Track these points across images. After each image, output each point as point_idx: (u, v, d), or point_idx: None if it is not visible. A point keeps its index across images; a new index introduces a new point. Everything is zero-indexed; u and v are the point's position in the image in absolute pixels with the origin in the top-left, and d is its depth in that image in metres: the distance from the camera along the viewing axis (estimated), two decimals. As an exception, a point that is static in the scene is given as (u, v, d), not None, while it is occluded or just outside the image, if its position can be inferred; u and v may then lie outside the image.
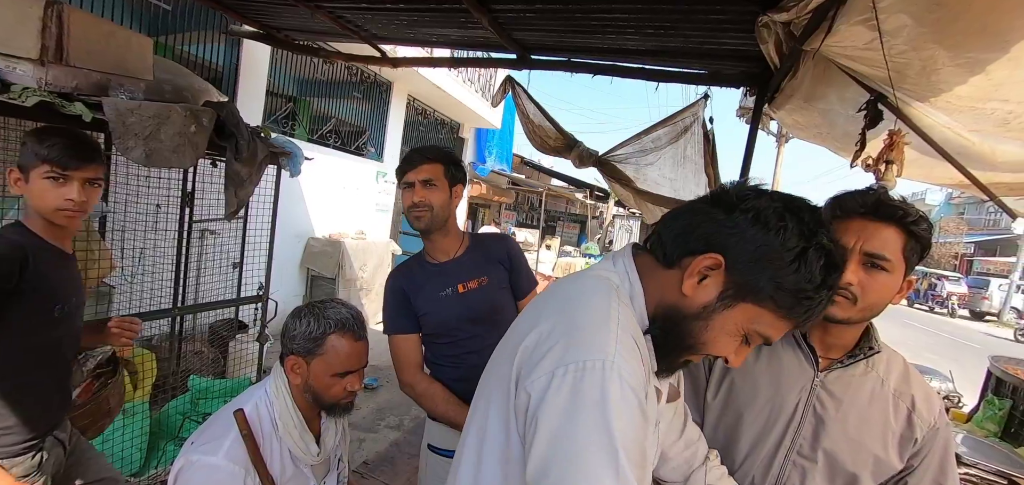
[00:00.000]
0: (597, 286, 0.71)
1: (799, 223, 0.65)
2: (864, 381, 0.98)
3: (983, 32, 1.22)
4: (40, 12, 1.56)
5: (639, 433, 0.60)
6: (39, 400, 1.24)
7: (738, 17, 1.84)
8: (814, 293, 0.65)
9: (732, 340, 0.69)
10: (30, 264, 1.15)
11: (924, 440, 0.95)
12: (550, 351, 0.63)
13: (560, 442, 0.58)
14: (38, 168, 1.16)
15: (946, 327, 15.03)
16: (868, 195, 0.95)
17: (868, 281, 0.92)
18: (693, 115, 2.45)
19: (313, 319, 1.09)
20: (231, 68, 4.20)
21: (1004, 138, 1.73)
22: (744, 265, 0.65)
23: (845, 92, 1.76)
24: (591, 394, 0.58)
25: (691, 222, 0.71)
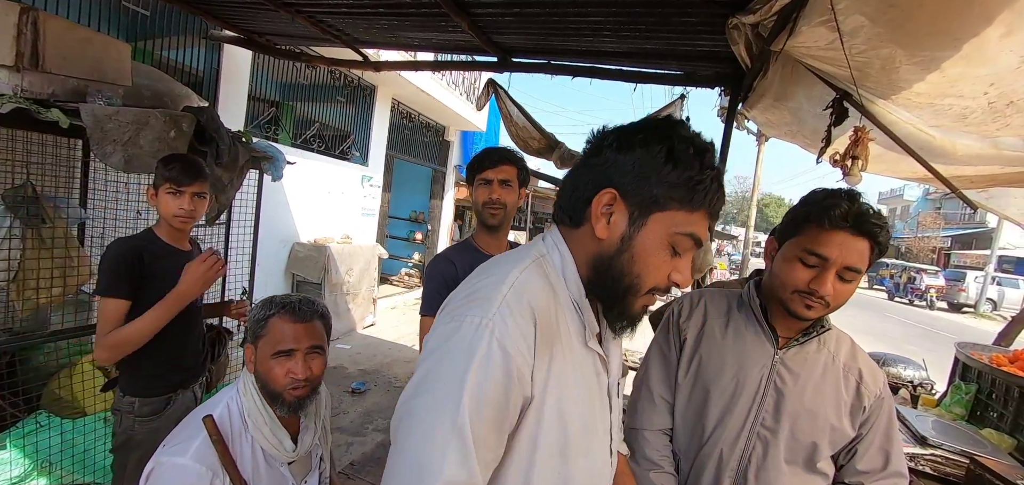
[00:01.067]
0: (515, 258, 0.76)
1: (654, 131, 0.71)
2: (817, 357, 1.08)
3: (936, 31, 1.28)
4: (15, 18, 1.56)
5: (499, 391, 0.64)
6: (168, 359, 1.58)
7: (709, 19, 1.90)
8: (700, 176, 0.69)
9: (663, 257, 0.72)
10: (145, 259, 1.50)
11: (871, 409, 1.06)
12: (449, 308, 0.72)
13: (424, 381, 0.66)
14: (163, 186, 1.53)
15: (924, 319, 15.40)
16: (852, 206, 0.98)
17: (840, 289, 1.00)
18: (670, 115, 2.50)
19: (262, 305, 1.12)
20: (212, 73, 4.17)
21: (963, 132, 1.81)
22: (632, 185, 0.70)
23: (812, 90, 1.82)
24: (460, 345, 0.64)
25: (575, 180, 0.77)
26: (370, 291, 5.92)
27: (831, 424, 1.04)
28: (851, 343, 1.12)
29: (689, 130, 0.72)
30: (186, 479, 0.97)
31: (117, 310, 1.46)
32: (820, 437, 1.04)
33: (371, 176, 6.56)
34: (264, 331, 1.10)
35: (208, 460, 1.00)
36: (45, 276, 1.93)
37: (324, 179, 5.66)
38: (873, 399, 1.06)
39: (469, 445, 0.61)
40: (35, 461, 2.14)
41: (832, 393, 1.06)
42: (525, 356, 0.66)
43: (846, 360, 1.08)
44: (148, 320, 1.47)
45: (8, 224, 1.85)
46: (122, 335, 1.45)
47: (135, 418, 1.56)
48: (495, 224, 1.61)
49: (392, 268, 8.56)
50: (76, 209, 2.27)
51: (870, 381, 1.07)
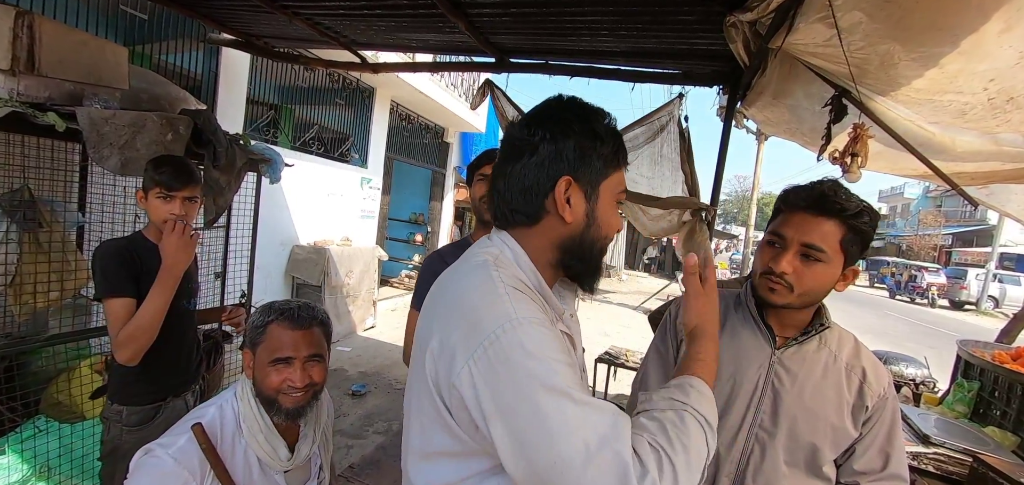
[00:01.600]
0: (471, 268, 0.79)
1: (573, 114, 0.80)
2: (818, 356, 1.06)
3: (933, 27, 1.27)
4: (10, 22, 1.56)
5: (564, 353, 0.68)
6: (158, 366, 1.55)
7: (707, 17, 1.89)
8: (614, 139, 0.81)
9: (613, 214, 0.83)
10: (136, 260, 1.50)
11: (874, 409, 1.03)
12: (458, 345, 0.68)
13: (514, 410, 0.62)
14: (153, 189, 1.52)
15: (926, 317, 15.38)
16: (813, 189, 1.01)
17: (803, 270, 1.00)
18: (669, 114, 2.50)
19: (261, 311, 1.11)
20: (210, 76, 4.17)
21: (963, 129, 1.80)
22: (580, 167, 0.79)
23: (811, 88, 1.82)
24: (514, 353, 0.64)
25: (522, 184, 0.80)
26: (370, 293, 5.92)
27: (832, 424, 1.02)
28: (855, 342, 1.10)
29: (585, 105, 0.82)
30: (162, 474, 0.97)
31: (125, 308, 1.46)
32: (820, 438, 1.02)
33: (370, 178, 6.56)
34: (262, 338, 1.09)
35: (188, 461, 0.99)
36: (42, 280, 1.93)
37: (323, 181, 5.66)
38: (876, 399, 1.03)
39: (587, 396, 0.65)
40: (33, 466, 2.13)
41: (833, 393, 1.03)
42: (548, 321, 0.72)
43: (849, 359, 1.06)
44: (151, 304, 1.46)
45: (4, 228, 1.85)
46: (133, 327, 1.45)
47: (123, 427, 1.54)
48: (485, 217, 1.62)
49: (392, 270, 8.55)
50: (74, 213, 2.26)
51: (874, 380, 1.04)
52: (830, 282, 1.01)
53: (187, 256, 1.52)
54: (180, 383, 1.68)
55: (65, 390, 2.37)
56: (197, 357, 1.78)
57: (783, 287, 1.01)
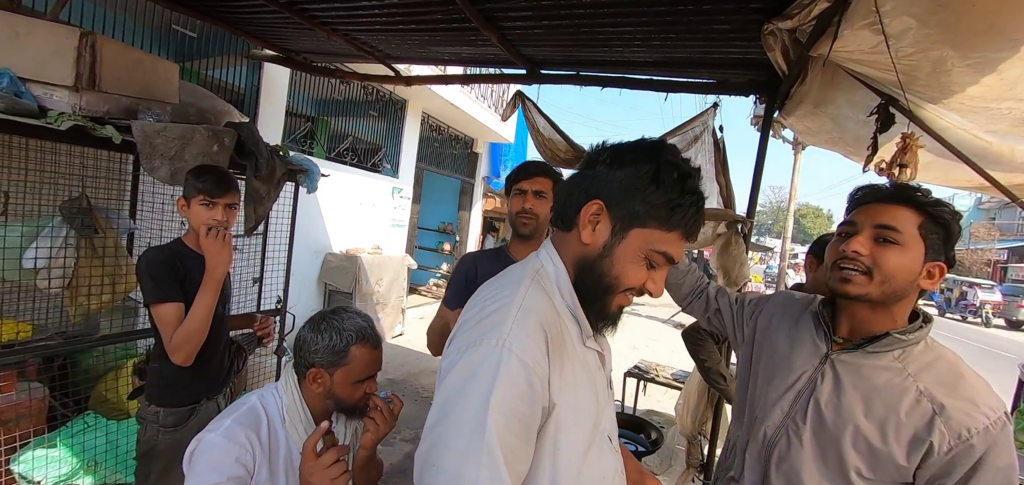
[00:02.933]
0: (516, 276, 0.82)
1: (644, 152, 0.78)
2: (883, 369, 0.97)
3: (991, 31, 1.21)
4: (75, 42, 1.67)
5: (523, 404, 0.68)
6: (193, 368, 1.57)
7: (743, 26, 1.85)
8: (680, 200, 0.75)
9: (639, 267, 0.79)
10: (182, 267, 1.56)
11: (951, 454, 0.88)
12: (462, 334, 0.75)
13: (447, 407, 0.69)
14: (196, 197, 1.58)
15: (980, 337, 14.44)
16: (886, 186, 1.02)
17: (879, 253, 0.95)
18: (703, 124, 2.45)
19: (334, 333, 1.12)
20: (252, 90, 4.35)
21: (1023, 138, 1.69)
22: (618, 200, 0.77)
23: (854, 96, 1.75)
24: (483, 369, 0.68)
25: (570, 187, 0.84)
26: (399, 301, 6.01)
27: (868, 441, 0.93)
28: (958, 373, 0.93)
29: (677, 155, 0.78)
30: (216, 453, 1.02)
31: (175, 312, 1.52)
32: (848, 450, 0.95)
33: (401, 188, 6.69)
34: (345, 361, 1.12)
35: (237, 437, 1.03)
36: (96, 283, 2.04)
37: (356, 191, 5.80)
38: (955, 441, 0.87)
39: (498, 460, 0.64)
40: (82, 460, 2.24)
41: (882, 406, 0.94)
42: (542, 367, 0.71)
43: (929, 386, 0.92)
44: (200, 306, 1.53)
45: (65, 234, 1.97)
46: (186, 331, 1.51)
47: (159, 428, 1.59)
48: (527, 233, 1.66)
49: (421, 278, 8.66)
50: (126, 220, 2.39)
51: (956, 418, 0.88)
52: (911, 270, 0.94)
53: (228, 259, 1.58)
54: (213, 386, 1.73)
55: (113, 388, 2.50)
56: (229, 360, 1.84)
57: (859, 274, 0.95)
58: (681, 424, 2.74)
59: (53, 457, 2.17)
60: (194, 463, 1.01)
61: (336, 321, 1.14)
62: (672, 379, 3.63)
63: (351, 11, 2.39)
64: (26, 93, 1.61)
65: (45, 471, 2.12)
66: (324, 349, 1.11)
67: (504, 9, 2.08)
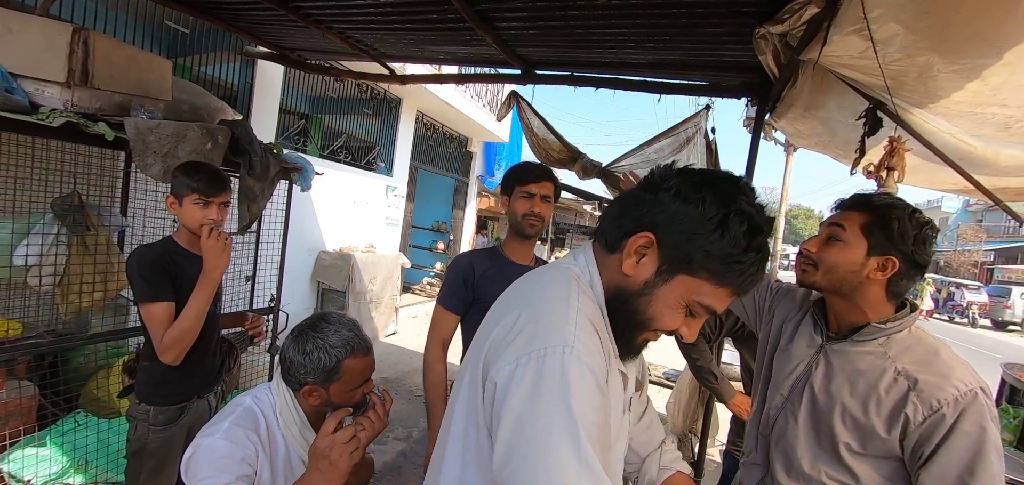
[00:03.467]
0: (558, 276, 0.76)
1: (716, 193, 0.68)
2: (868, 355, 1.09)
3: (976, 38, 1.24)
4: (67, 38, 1.65)
5: (600, 414, 0.63)
6: (185, 366, 1.57)
7: (736, 29, 1.87)
8: (742, 256, 0.67)
9: (676, 313, 0.72)
10: (173, 266, 1.54)
11: (926, 424, 0.96)
12: (514, 341, 0.66)
13: (523, 426, 0.60)
14: (189, 196, 1.55)
15: (966, 337, 14.66)
16: (857, 195, 1.15)
17: (824, 249, 1.12)
18: (695, 126, 2.47)
19: (322, 353, 1.09)
20: (246, 87, 4.33)
21: (1007, 143, 1.73)
22: (673, 239, 0.69)
23: (844, 100, 1.78)
24: (552, 378, 0.61)
25: (624, 207, 0.76)
26: (392, 300, 6.00)
27: (851, 415, 1.05)
28: (934, 353, 1.03)
29: (752, 202, 0.69)
30: (218, 456, 1.01)
31: (166, 311, 1.50)
32: (837, 425, 1.07)
33: (395, 186, 6.67)
34: (339, 375, 1.10)
35: (237, 438, 1.03)
36: (88, 281, 2.02)
37: (350, 189, 5.78)
38: (928, 411, 0.96)
39: (599, 473, 0.58)
40: (73, 458, 2.23)
41: (864, 386, 1.06)
42: (604, 371, 0.67)
43: (906, 365, 1.03)
44: (194, 307, 1.51)
45: (56, 231, 1.95)
46: (178, 330, 1.49)
47: (149, 426, 1.58)
48: (532, 234, 1.69)
49: (414, 277, 8.65)
50: (118, 217, 2.37)
51: (928, 391, 0.97)
52: (851, 262, 1.08)
53: (226, 260, 1.57)
54: (204, 385, 1.72)
55: (104, 386, 2.48)
56: (220, 358, 1.82)
57: (808, 265, 1.14)
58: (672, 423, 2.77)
59: (43, 456, 2.15)
60: (196, 468, 1.00)
61: (321, 338, 1.09)
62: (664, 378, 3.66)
63: (346, 9, 2.39)
64: (17, 89, 1.60)
65: (35, 469, 2.11)
66: (314, 369, 1.09)
67: (500, 10, 2.09)
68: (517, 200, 1.67)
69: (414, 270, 8.18)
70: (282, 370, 1.14)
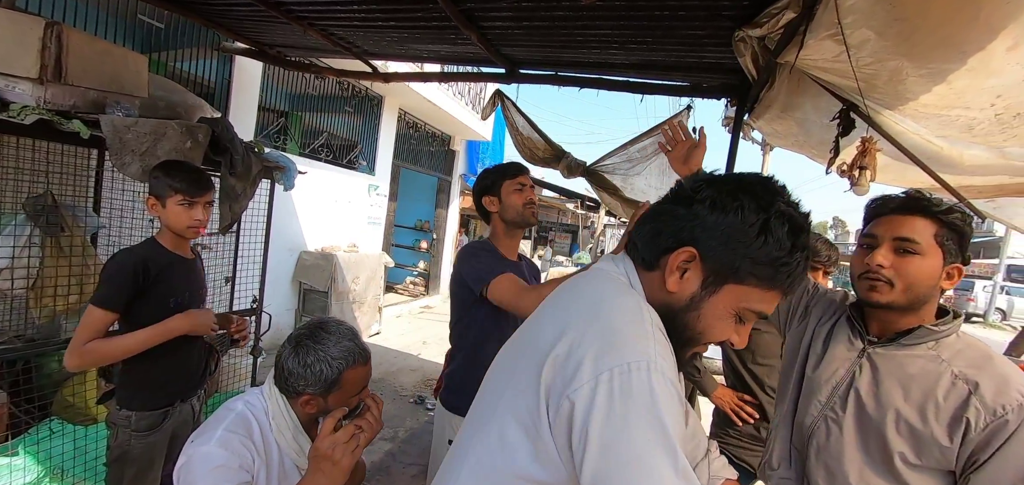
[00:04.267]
0: (619, 287, 0.73)
1: (754, 198, 0.67)
2: (918, 359, 1.03)
3: (942, 44, 1.30)
4: (40, 32, 1.60)
5: (684, 427, 0.62)
6: (169, 369, 1.57)
7: (716, 32, 1.92)
8: (788, 258, 0.67)
9: (727, 323, 0.71)
10: (151, 269, 1.49)
11: (988, 429, 0.92)
12: (588, 356, 0.62)
13: (616, 448, 0.57)
14: (172, 197, 1.51)
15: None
16: (899, 197, 1.07)
17: (900, 264, 1.02)
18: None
19: (323, 365, 1.07)
20: (224, 84, 4.24)
21: (971, 143, 1.81)
22: (716, 251, 0.68)
23: (819, 102, 1.84)
24: (641, 396, 0.59)
25: (657, 224, 0.74)
26: (376, 300, 5.95)
27: (909, 424, 0.99)
28: (988, 357, 1.00)
29: (789, 201, 0.68)
30: (214, 464, 0.99)
31: (103, 321, 1.44)
32: (891, 431, 1.00)
33: (378, 185, 6.62)
34: (339, 386, 1.10)
35: (231, 445, 1.02)
36: (62, 283, 1.97)
37: (331, 188, 5.71)
38: (991, 416, 0.92)
39: (696, 481, 0.59)
40: (47, 467, 2.16)
41: (919, 391, 0.99)
42: (679, 387, 0.65)
43: (963, 368, 0.98)
44: (133, 340, 1.45)
45: (28, 232, 1.89)
46: (100, 349, 1.44)
47: (132, 432, 1.54)
48: (535, 223, 1.76)
49: (397, 276, 8.59)
50: (93, 218, 2.31)
51: (990, 395, 0.93)
52: (931, 276, 1.01)
53: (197, 331, 1.57)
54: (187, 388, 1.69)
55: (80, 393, 2.41)
56: (204, 360, 1.79)
57: (883, 283, 1.03)
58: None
59: (16, 465, 2.09)
60: (191, 477, 0.98)
61: (321, 350, 1.08)
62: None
63: (329, 6, 2.36)
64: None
65: (8, 479, 2.04)
66: (314, 380, 1.08)
67: (485, 9, 2.09)
68: (511, 194, 1.70)
69: (397, 269, 8.12)
70: (277, 377, 1.13)
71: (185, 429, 1.66)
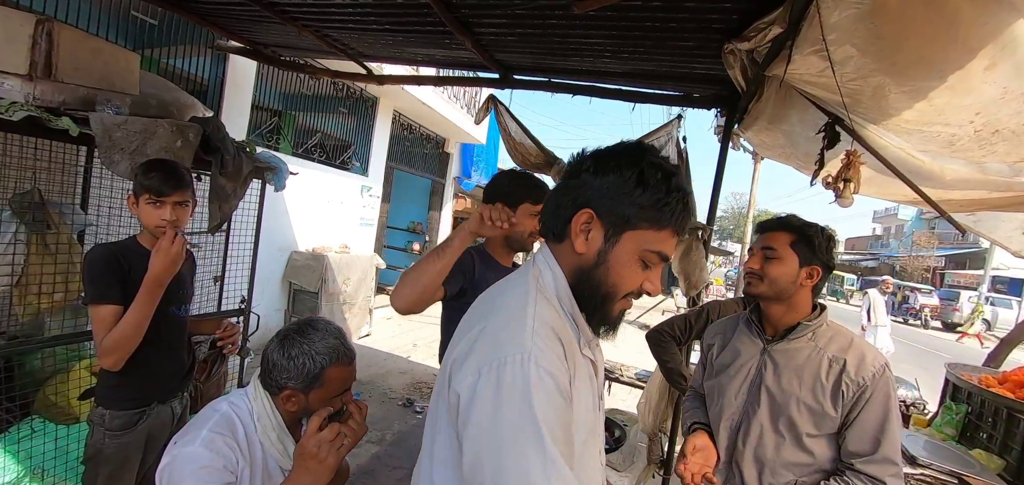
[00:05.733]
0: (517, 285, 0.81)
1: (626, 157, 0.78)
2: (803, 349, 1.32)
3: (922, 63, 1.33)
4: (30, 28, 1.60)
5: (561, 414, 0.67)
6: (141, 371, 1.53)
7: (706, 44, 1.95)
8: (668, 196, 0.76)
9: (634, 270, 0.79)
10: (124, 266, 1.48)
11: (855, 395, 1.22)
12: (474, 352, 0.71)
13: (489, 434, 0.64)
14: (143, 195, 1.50)
15: (918, 338, 15.45)
16: (777, 218, 1.39)
17: (766, 266, 1.33)
18: (667, 134, 2.56)
19: (306, 359, 1.08)
20: (217, 82, 4.21)
21: (951, 158, 1.86)
22: (607, 206, 0.77)
23: (805, 115, 1.87)
24: (513, 385, 0.65)
25: (557, 199, 0.84)
26: (367, 301, 5.93)
27: (806, 404, 1.25)
28: (850, 340, 1.29)
29: (657, 156, 0.79)
30: (200, 464, 0.98)
31: (112, 315, 1.44)
32: (795, 413, 1.27)
33: (370, 186, 6.60)
34: (321, 383, 1.10)
35: (216, 446, 1.01)
36: (48, 281, 1.95)
37: (324, 189, 5.69)
38: (855, 387, 1.22)
39: (566, 473, 0.63)
40: (28, 466, 2.13)
41: (809, 376, 1.27)
42: (564, 374, 0.72)
43: (834, 352, 1.27)
44: (134, 313, 1.45)
45: (14, 229, 1.87)
46: (118, 334, 1.43)
47: (106, 431, 1.52)
48: (528, 250, 1.73)
49: (389, 278, 8.55)
50: (80, 215, 2.29)
51: (854, 370, 1.23)
52: (789, 274, 1.30)
53: (172, 268, 1.49)
54: (166, 390, 1.65)
55: (63, 391, 2.38)
56: (188, 363, 1.75)
57: (755, 279, 1.34)
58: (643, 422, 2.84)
59: (-4, 464, 2.05)
60: (176, 479, 0.97)
61: (306, 344, 1.09)
62: (635, 379, 3.75)
63: (324, 8, 2.37)
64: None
65: (-13, 478, 2.01)
66: (297, 374, 1.08)
67: (478, 15, 2.11)
68: (525, 217, 1.62)
69: (389, 271, 8.09)
70: (263, 372, 1.13)
71: (162, 431, 1.63)
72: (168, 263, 1.47)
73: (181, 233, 1.52)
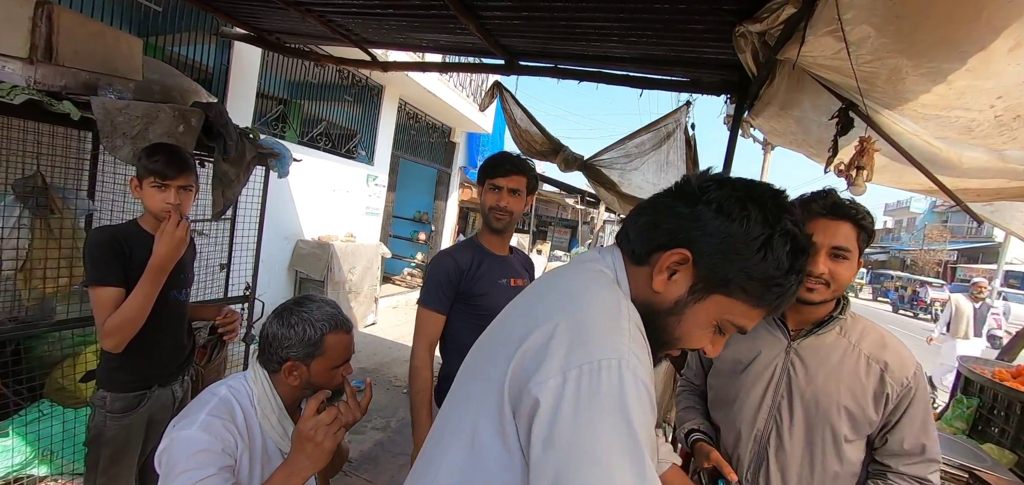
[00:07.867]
0: (598, 280, 0.69)
1: (762, 210, 0.64)
2: (835, 345, 1.18)
3: (942, 43, 1.28)
4: (30, 11, 1.58)
5: (652, 428, 0.59)
6: (141, 354, 1.53)
7: (717, 27, 1.90)
8: (783, 279, 0.64)
9: (706, 332, 0.69)
10: (125, 249, 1.48)
11: (899, 398, 1.13)
12: (557, 350, 0.59)
13: (580, 446, 0.54)
14: (147, 178, 1.49)
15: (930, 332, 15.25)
16: (826, 198, 1.18)
17: (836, 269, 1.15)
18: (676, 121, 2.51)
19: (306, 325, 1.10)
20: (221, 70, 4.20)
21: (969, 145, 1.80)
22: (711, 258, 0.65)
23: (818, 100, 1.82)
24: (609, 394, 0.56)
25: (655, 218, 0.70)
26: (372, 290, 5.94)
27: (847, 408, 1.14)
28: (881, 334, 1.19)
29: (796, 220, 0.66)
30: (195, 447, 0.98)
31: (112, 297, 1.44)
32: (836, 419, 1.14)
33: (376, 175, 6.59)
34: (321, 351, 1.11)
35: (213, 429, 1.01)
36: (52, 266, 1.95)
37: (329, 177, 5.69)
38: (900, 387, 1.13)
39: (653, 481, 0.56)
40: (37, 449, 2.16)
41: (848, 378, 1.14)
42: (652, 388, 0.62)
43: (871, 350, 1.16)
44: (138, 296, 1.45)
45: (17, 214, 1.87)
46: (121, 317, 1.43)
47: (107, 413, 1.54)
48: (498, 228, 1.68)
49: (395, 267, 8.58)
50: (84, 201, 2.29)
51: (897, 370, 1.13)
52: (852, 275, 1.15)
53: (176, 251, 1.49)
54: (166, 373, 1.66)
55: (70, 375, 2.40)
56: (188, 347, 1.76)
57: (821, 286, 1.14)
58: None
59: (5, 446, 2.08)
60: (173, 460, 0.97)
61: (305, 312, 1.11)
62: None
63: (327, -7, 2.34)
64: (-25, 64, 1.53)
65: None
66: (298, 342, 1.09)
67: (483, -1, 2.07)
68: (487, 192, 1.66)
69: (395, 260, 8.11)
70: (261, 351, 1.13)
71: (164, 414, 1.65)
72: (173, 247, 1.47)
73: (185, 218, 1.52)
